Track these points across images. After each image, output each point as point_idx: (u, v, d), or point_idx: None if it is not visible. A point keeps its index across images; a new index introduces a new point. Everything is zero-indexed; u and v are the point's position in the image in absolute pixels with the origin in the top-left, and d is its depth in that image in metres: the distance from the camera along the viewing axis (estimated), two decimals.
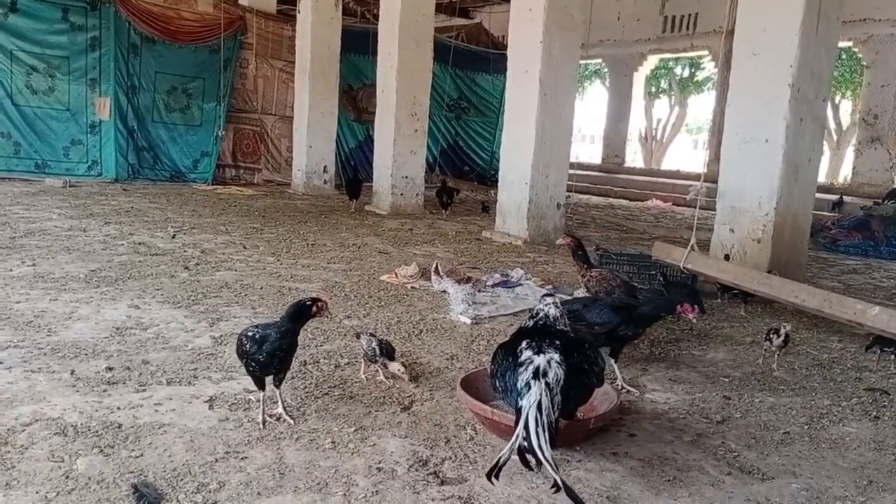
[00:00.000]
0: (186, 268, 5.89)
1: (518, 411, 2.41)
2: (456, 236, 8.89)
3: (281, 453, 2.63)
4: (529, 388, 2.44)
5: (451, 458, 2.71)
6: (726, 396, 3.62)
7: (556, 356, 2.53)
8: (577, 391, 2.61)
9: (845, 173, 17.94)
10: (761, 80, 5.97)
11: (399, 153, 10.80)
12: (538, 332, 2.75)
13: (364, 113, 14.56)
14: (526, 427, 2.32)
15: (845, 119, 22.20)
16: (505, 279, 6.17)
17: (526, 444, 2.29)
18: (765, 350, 4.25)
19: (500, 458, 2.28)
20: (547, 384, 2.44)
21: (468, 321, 4.71)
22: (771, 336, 4.16)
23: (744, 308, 5.58)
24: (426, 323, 4.70)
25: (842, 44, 14.27)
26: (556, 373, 2.48)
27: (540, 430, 2.31)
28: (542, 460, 2.24)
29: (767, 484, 2.68)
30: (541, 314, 2.85)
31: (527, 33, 8.30)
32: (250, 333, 2.96)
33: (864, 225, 10.07)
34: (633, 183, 17.64)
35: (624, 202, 16.19)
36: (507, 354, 2.69)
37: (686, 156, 30.31)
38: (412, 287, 5.72)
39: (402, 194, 10.89)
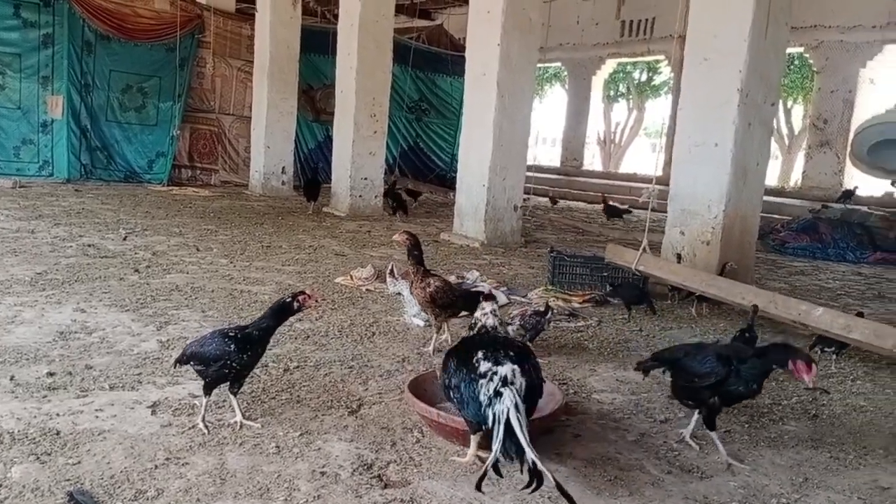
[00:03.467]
0: (136, 270, 5.80)
1: (489, 420, 2.40)
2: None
3: (223, 459, 2.61)
4: (500, 395, 2.44)
5: (396, 461, 2.71)
6: (670, 397, 3.67)
7: (517, 366, 2.55)
8: (531, 400, 2.61)
9: (797, 177, 18.36)
10: (711, 84, 6.09)
11: (358, 154, 10.77)
12: (487, 342, 2.75)
13: (323, 113, 14.47)
14: (509, 430, 2.33)
15: (797, 123, 22.75)
16: (461, 281, 6.20)
17: (504, 449, 2.29)
18: None
19: (485, 467, 2.28)
20: (517, 391, 2.47)
21: (421, 324, 4.72)
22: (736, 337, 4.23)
23: (694, 308, 5.68)
24: (379, 325, 4.70)
25: (793, 49, 14.66)
26: (520, 381, 2.50)
27: (525, 430, 2.34)
28: (532, 458, 2.25)
29: (706, 482, 2.74)
30: (478, 324, 2.86)
31: (485, 35, 8.35)
32: (232, 334, 2.89)
33: (813, 227, 10.32)
34: (590, 186, 17.83)
35: (582, 205, 16.36)
36: (460, 365, 2.66)
37: (644, 159, 30.74)
38: (367, 289, 5.72)
39: (360, 196, 10.86)
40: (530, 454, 2.24)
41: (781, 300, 5.05)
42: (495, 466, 2.27)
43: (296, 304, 2.95)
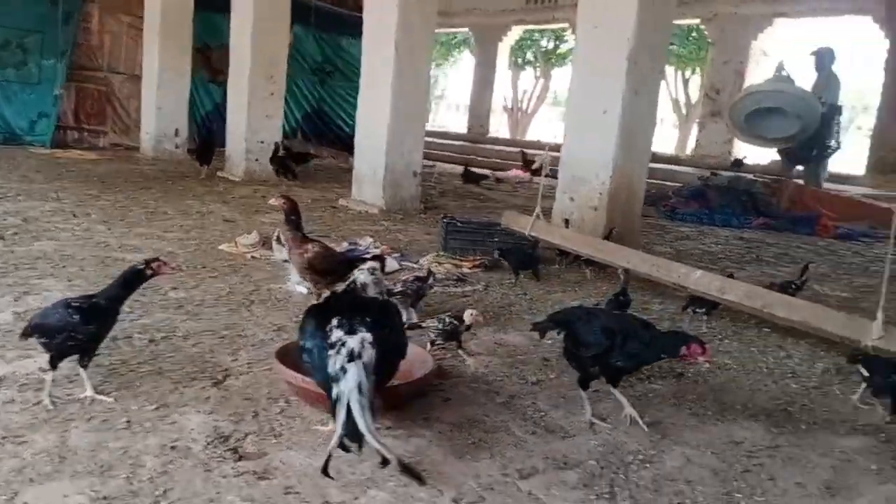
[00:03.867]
0: (1, 237, 5.43)
1: (333, 396, 2.31)
2: (311, 204, 8.70)
3: (66, 436, 2.46)
4: (345, 371, 2.35)
5: (255, 432, 2.63)
6: (545, 359, 3.73)
7: (369, 336, 2.47)
8: (388, 367, 2.56)
9: (692, 146, 19.02)
10: (601, 52, 6.16)
11: (254, 117, 10.43)
12: (350, 304, 2.69)
13: (220, 74, 13.86)
14: (349, 413, 2.25)
15: (694, 94, 23.50)
16: (352, 248, 6.11)
17: (347, 431, 2.21)
18: None
19: (329, 451, 2.20)
20: (365, 366, 2.39)
21: (304, 291, 4.61)
22: (611, 301, 4.32)
23: (588, 271, 5.80)
24: (260, 293, 4.57)
25: (689, 21, 15.08)
26: (370, 354, 2.41)
27: (367, 413, 2.25)
28: (374, 444, 2.17)
29: (568, 441, 2.79)
30: (350, 280, 2.80)
31: None
32: (76, 304, 2.71)
33: (701, 194, 10.73)
34: (496, 153, 17.94)
35: (487, 171, 16.43)
36: (316, 329, 2.58)
37: (552, 126, 31.18)
38: (252, 256, 5.55)
39: (257, 160, 10.54)
40: (372, 441, 2.17)
41: (663, 263, 5.22)
42: (342, 446, 2.20)
43: (148, 272, 2.81)
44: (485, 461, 2.56)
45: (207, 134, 12.64)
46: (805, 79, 10.04)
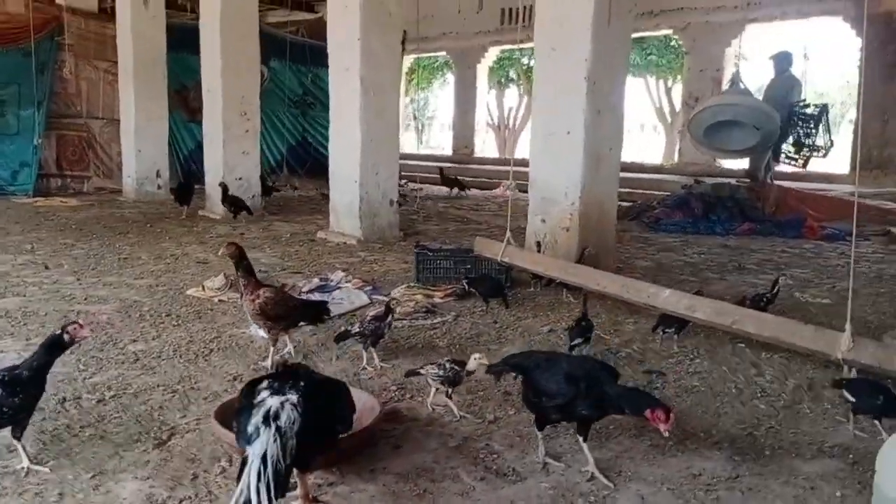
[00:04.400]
0: None
1: (243, 461, 2.23)
2: (290, 238, 8.65)
3: None
4: (258, 434, 2.26)
5: (191, 497, 2.55)
6: (507, 393, 3.64)
7: (294, 397, 2.36)
8: (318, 438, 2.43)
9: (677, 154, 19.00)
10: (560, 73, 6.12)
11: (230, 154, 10.40)
12: (290, 371, 2.58)
13: (198, 113, 13.86)
14: (248, 483, 2.15)
15: (678, 102, 23.50)
16: (323, 283, 6.04)
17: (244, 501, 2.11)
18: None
19: None
20: (278, 428, 2.27)
21: (265, 335, 4.53)
22: (573, 327, 4.24)
23: (566, 294, 5.70)
24: (221, 340, 4.49)
25: (662, 32, 15.10)
26: (289, 415, 2.29)
27: (262, 485, 2.14)
28: None
29: (517, 486, 2.70)
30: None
31: (345, 30, 8.15)
32: None
33: (685, 203, 10.66)
34: (483, 172, 17.91)
35: (475, 192, 16.40)
36: (249, 392, 2.48)
37: None
38: (219, 300, 5.48)
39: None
40: None
41: (632, 284, 5.15)
42: None
43: (66, 337, 2.73)
44: None
45: (186, 174, 12.60)
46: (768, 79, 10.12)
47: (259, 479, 2.11)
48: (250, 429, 2.23)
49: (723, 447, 3.06)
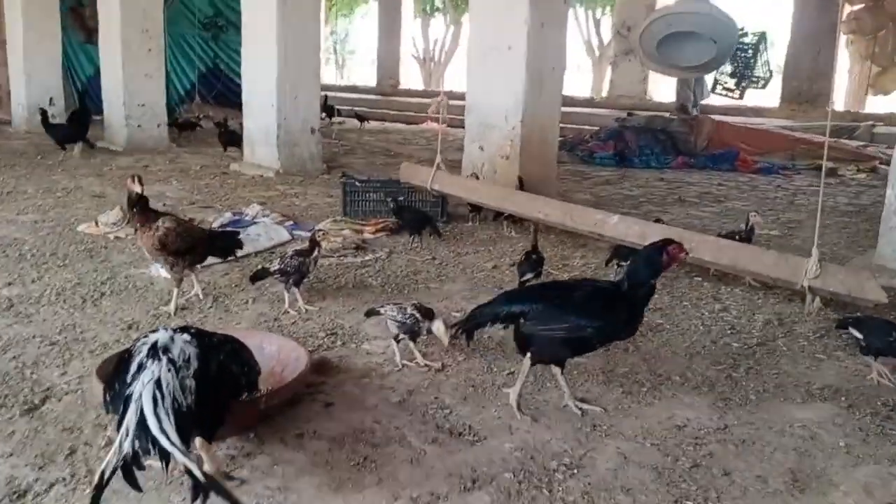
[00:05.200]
0: None
1: (124, 405, 1.69)
2: (200, 171, 7.86)
3: None
4: (142, 369, 1.74)
5: (65, 479, 1.99)
6: (454, 336, 3.17)
7: (187, 335, 1.86)
8: (220, 397, 1.91)
9: (607, 88, 18.69)
10: None
11: (130, 78, 9.34)
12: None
13: (95, 33, 12.57)
14: (141, 414, 1.63)
15: (606, 35, 23.14)
16: (237, 218, 5.39)
17: (138, 442, 1.60)
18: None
19: (101, 472, 1.59)
20: (171, 360, 1.77)
21: (168, 275, 3.90)
22: (522, 261, 3.79)
23: (507, 226, 5.25)
24: (116, 283, 3.83)
25: None
26: (182, 350, 1.81)
27: (162, 412, 1.65)
28: (170, 449, 1.58)
29: (477, 448, 2.24)
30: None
31: None
32: None
33: (619, 136, 10.31)
34: (409, 106, 17.14)
35: (400, 126, 15.69)
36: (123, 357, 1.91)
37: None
38: (115, 237, 4.76)
39: (139, 126, 9.50)
40: (166, 443, 1.57)
41: (578, 211, 4.75)
42: (126, 469, 1.59)
43: None
44: (370, 490, 1.99)
45: (82, 101, 11.38)
46: None
47: (156, 405, 1.61)
48: (129, 375, 1.71)
49: (703, 392, 2.69)
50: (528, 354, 2.48)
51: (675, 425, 2.42)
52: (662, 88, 14.03)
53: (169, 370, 1.72)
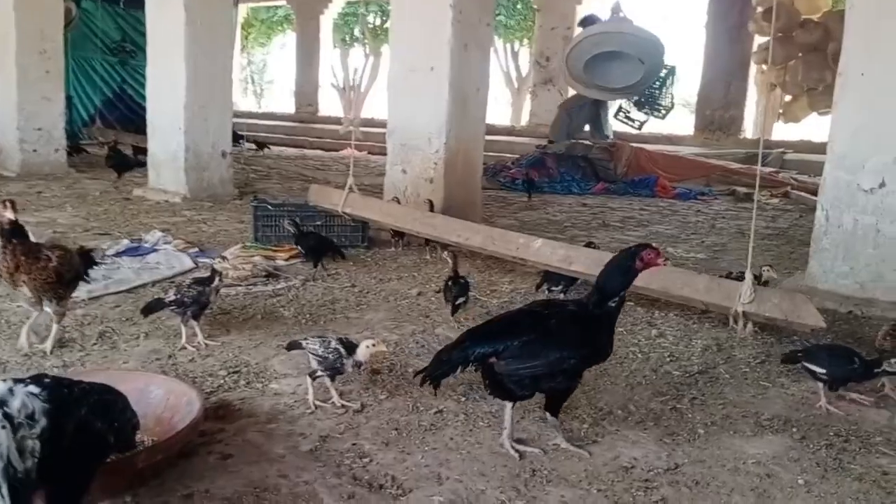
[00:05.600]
0: None
1: None
2: (99, 197, 7.30)
3: None
4: None
5: None
6: (375, 371, 2.86)
7: (32, 387, 1.48)
8: (83, 454, 1.54)
9: (526, 118, 18.84)
10: (424, 1, 5.34)
11: (26, 101, 8.68)
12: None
13: None
14: None
15: (524, 66, 23.45)
16: (135, 245, 4.93)
17: None
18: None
19: None
20: (6, 416, 1.39)
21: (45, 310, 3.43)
22: (450, 286, 3.53)
23: (430, 252, 4.98)
24: None
25: None
26: (24, 404, 1.43)
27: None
28: None
29: (400, 503, 1.93)
30: None
31: None
32: None
33: (540, 163, 10.28)
34: (328, 133, 16.79)
35: (319, 153, 15.34)
36: None
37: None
38: None
39: (35, 150, 8.81)
40: None
41: (499, 234, 4.53)
42: None
43: None
44: None
45: None
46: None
47: None
48: None
49: (647, 426, 2.46)
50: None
51: (621, 466, 2.17)
52: None
53: (3, 427, 1.35)
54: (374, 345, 2.52)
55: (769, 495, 2.03)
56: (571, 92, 14.54)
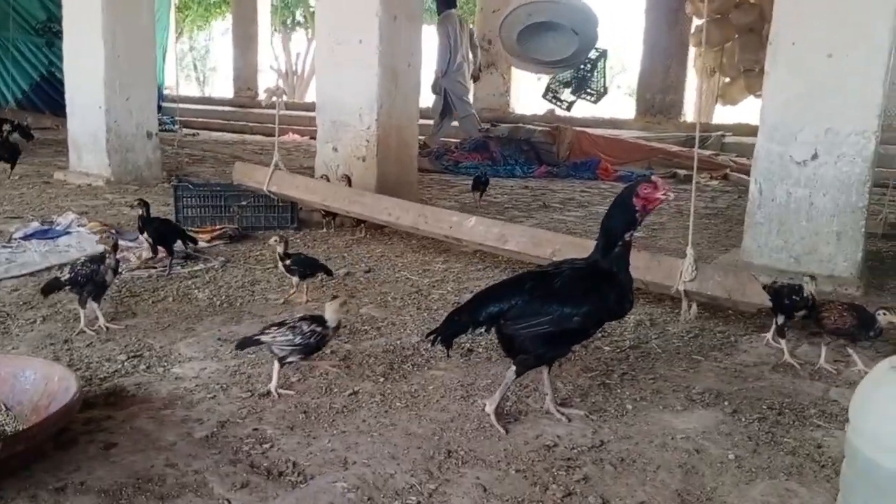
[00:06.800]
0: None
1: None
2: (18, 181, 6.89)
3: None
4: None
5: None
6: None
7: None
8: None
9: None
10: None
11: None
12: None
13: None
14: None
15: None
16: (46, 228, 4.62)
17: None
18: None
19: None
20: None
21: None
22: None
23: (364, 230, 4.81)
24: None
25: None
26: None
27: None
28: None
29: (300, 492, 1.75)
30: None
31: None
32: None
33: (483, 146, 10.17)
34: (269, 118, 16.33)
35: (259, 138, 14.92)
36: None
37: None
38: None
39: None
40: None
41: (431, 213, 4.35)
42: None
43: None
44: None
45: None
46: None
47: None
48: None
49: (573, 403, 2.33)
50: (513, 365, 2.16)
51: (543, 445, 2.04)
52: (524, 100, 14.09)
53: None
54: (336, 304, 2.38)
55: (697, 471, 1.92)
56: (515, 75, 14.56)
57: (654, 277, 3.49)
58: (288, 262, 3.33)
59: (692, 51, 11.49)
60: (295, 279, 3.36)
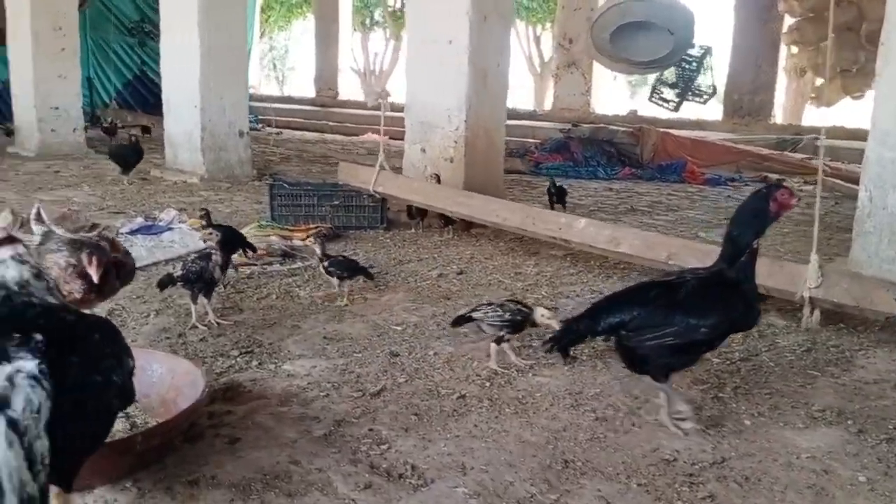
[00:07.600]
0: None
1: None
2: (118, 176, 7.18)
3: None
4: None
5: None
6: (394, 353, 2.70)
7: (31, 365, 1.27)
8: (82, 426, 1.38)
9: (550, 102, 18.55)
10: None
11: (42, 79, 8.59)
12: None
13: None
14: None
15: (547, 50, 23.11)
16: (150, 224, 4.80)
17: None
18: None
19: None
20: (12, 423, 1.19)
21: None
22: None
23: (452, 231, 4.86)
24: None
25: None
26: (29, 399, 1.22)
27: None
28: None
29: (422, 495, 1.76)
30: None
31: None
32: None
33: (564, 147, 10.06)
34: (349, 117, 16.60)
35: (339, 137, 15.18)
36: None
37: None
38: None
39: (53, 130, 8.73)
40: None
41: (539, 214, 4.34)
42: None
43: None
44: None
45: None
46: None
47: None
48: None
49: (688, 417, 2.27)
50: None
51: (662, 459, 1.99)
52: (605, 101, 13.88)
53: (12, 446, 1.15)
54: (546, 315, 2.52)
55: (828, 493, 1.84)
56: (596, 75, 14.35)
57: (776, 283, 3.34)
58: (326, 263, 3.35)
59: (783, 50, 11.11)
60: (334, 280, 3.36)
